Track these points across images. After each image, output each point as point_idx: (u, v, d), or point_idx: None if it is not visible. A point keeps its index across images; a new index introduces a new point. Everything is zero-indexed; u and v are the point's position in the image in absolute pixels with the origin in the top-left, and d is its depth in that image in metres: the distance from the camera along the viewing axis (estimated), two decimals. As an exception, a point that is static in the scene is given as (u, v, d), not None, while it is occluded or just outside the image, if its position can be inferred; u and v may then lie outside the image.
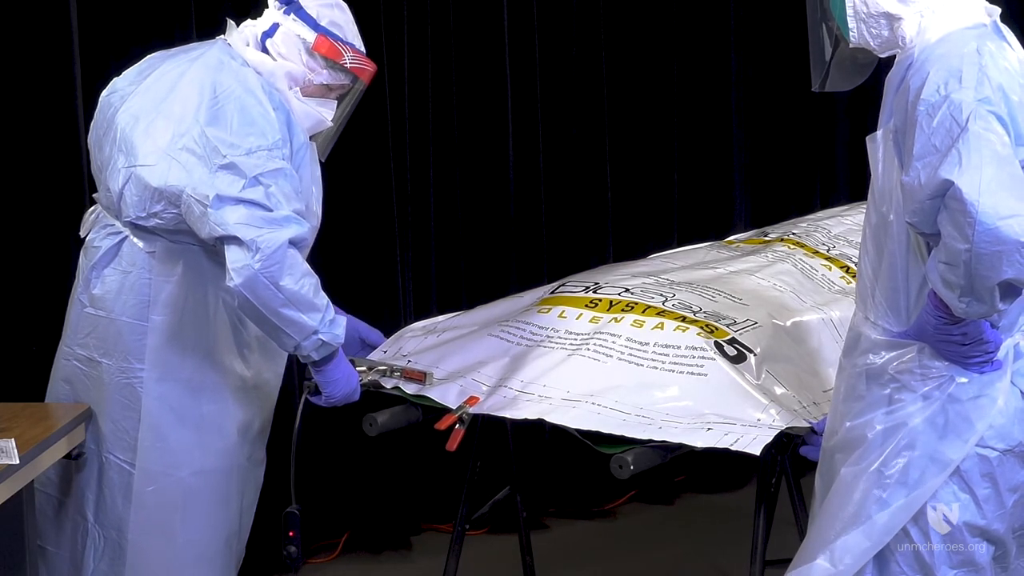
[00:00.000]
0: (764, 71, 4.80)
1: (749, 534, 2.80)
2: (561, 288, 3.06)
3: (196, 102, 2.57)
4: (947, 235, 2.05)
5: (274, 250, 2.48)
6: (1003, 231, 1.99)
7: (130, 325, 2.67)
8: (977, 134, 2.03)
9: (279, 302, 2.51)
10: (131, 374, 2.67)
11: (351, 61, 2.69)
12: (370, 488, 4.14)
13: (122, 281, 2.67)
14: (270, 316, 2.52)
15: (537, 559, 3.52)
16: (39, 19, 3.49)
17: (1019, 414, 2.16)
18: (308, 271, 2.56)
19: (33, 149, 3.53)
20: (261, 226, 2.49)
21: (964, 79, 2.08)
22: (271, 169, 2.53)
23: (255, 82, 2.61)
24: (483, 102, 4.25)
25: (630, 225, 4.57)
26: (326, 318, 2.58)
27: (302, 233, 2.54)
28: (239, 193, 2.49)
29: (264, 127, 2.56)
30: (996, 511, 2.17)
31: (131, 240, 2.67)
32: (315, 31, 2.66)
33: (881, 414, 2.19)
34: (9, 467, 2.38)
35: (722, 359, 2.66)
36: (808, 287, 3.10)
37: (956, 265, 2.04)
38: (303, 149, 2.66)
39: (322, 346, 2.60)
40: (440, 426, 2.68)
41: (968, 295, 2.05)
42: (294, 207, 2.55)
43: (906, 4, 2.21)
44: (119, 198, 2.63)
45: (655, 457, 2.48)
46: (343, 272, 3.86)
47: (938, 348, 2.19)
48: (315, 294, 2.56)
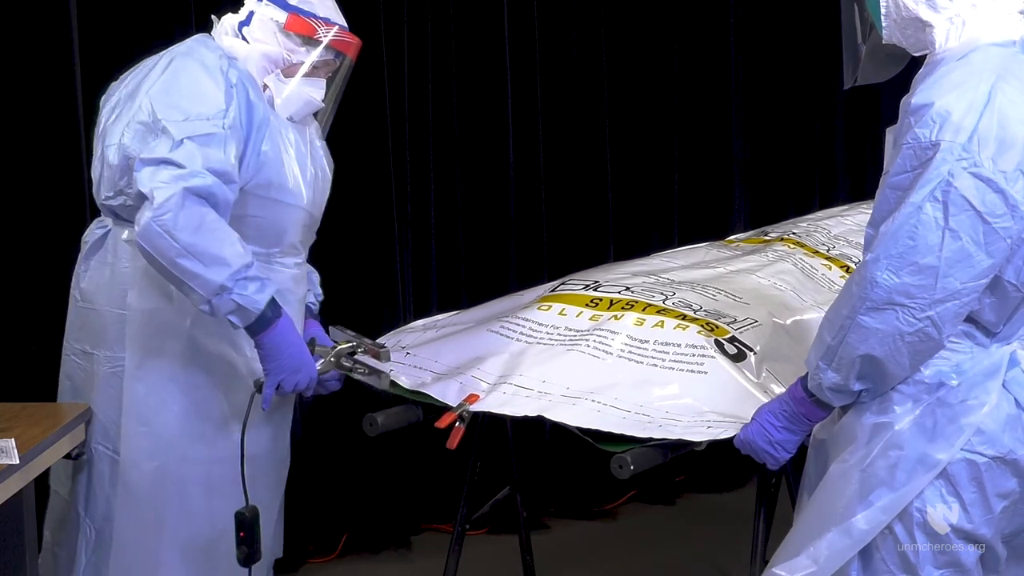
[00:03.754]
0: (764, 71, 4.81)
1: (749, 534, 2.80)
2: (562, 286, 3.06)
3: (154, 80, 2.61)
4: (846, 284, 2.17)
5: (167, 198, 2.42)
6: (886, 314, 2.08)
7: (113, 315, 2.67)
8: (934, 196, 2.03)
9: (175, 252, 2.43)
10: (116, 363, 2.67)
11: (325, 35, 2.69)
12: (370, 488, 4.14)
13: (105, 272, 2.69)
14: (169, 267, 2.45)
15: (537, 559, 3.52)
16: (39, 20, 3.49)
17: (1010, 421, 2.15)
18: (218, 227, 2.47)
19: (33, 150, 3.53)
20: (167, 180, 2.45)
21: (960, 124, 2.04)
22: (202, 133, 2.51)
23: (214, 61, 2.62)
24: (483, 102, 4.25)
25: (630, 225, 4.58)
26: (240, 276, 2.48)
27: (205, 185, 2.46)
28: (164, 155, 2.48)
29: (209, 97, 2.56)
30: (983, 516, 2.16)
31: (114, 230, 2.68)
32: (285, 11, 2.68)
33: (871, 412, 2.19)
34: (9, 467, 2.38)
35: (722, 357, 2.66)
36: (808, 286, 3.11)
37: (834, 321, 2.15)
38: (264, 125, 2.63)
39: (238, 309, 2.50)
40: (440, 424, 2.67)
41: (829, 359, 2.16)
42: (210, 165, 2.49)
43: (937, 11, 2.17)
44: (98, 184, 2.67)
45: (655, 457, 2.48)
46: (343, 272, 3.86)
47: (753, 429, 2.31)
48: (222, 248, 2.46)
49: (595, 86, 4.46)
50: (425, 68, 4.13)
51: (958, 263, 2.05)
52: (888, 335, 2.09)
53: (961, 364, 2.15)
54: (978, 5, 2.16)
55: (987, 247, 2.05)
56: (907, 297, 2.06)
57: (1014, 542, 2.24)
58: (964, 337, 2.15)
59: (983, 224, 2.04)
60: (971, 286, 2.06)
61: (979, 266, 2.05)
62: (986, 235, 2.04)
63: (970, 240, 2.04)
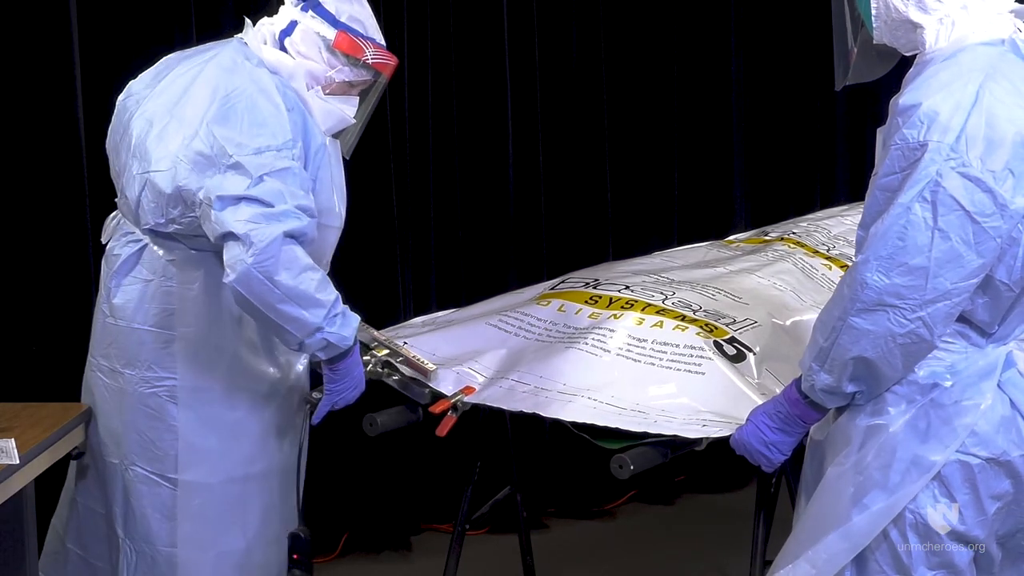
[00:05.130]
0: (764, 71, 4.81)
1: (749, 534, 2.80)
2: (562, 284, 3.06)
3: (207, 104, 2.52)
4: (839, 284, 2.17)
5: (267, 243, 2.41)
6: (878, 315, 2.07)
7: (153, 334, 2.63)
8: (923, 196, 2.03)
9: (276, 298, 2.44)
10: (156, 384, 2.63)
11: (373, 57, 2.64)
12: (370, 488, 4.15)
13: (143, 290, 2.63)
14: (267, 312, 2.46)
15: (537, 559, 3.52)
16: (39, 21, 3.49)
17: (1004, 423, 2.14)
18: (310, 266, 2.48)
19: (33, 151, 3.53)
20: (258, 221, 2.42)
21: (948, 124, 2.03)
22: (278, 168, 2.47)
23: (269, 82, 2.55)
24: (483, 102, 4.26)
25: (630, 225, 4.57)
26: (332, 314, 2.51)
27: (301, 227, 2.46)
28: (243, 192, 2.44)
29: (275, 127, 2.50)
30: (976, 517, 2.15)
31: (151, 248, 2.63)
32: (335, 28, 2.61)
33: (865, 414, 2.19)
34: (9, 467, 2.38)
35: (720, 359, 2.66)
36: (808, 286, 3.10)
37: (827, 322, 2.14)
38: (321, 151, 2.60)
39: (328, 346, 2.53)
40: (435, 409, 2.66)
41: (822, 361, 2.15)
42: (298, 203, 2.48)
43: (927, 12, 2.17)
44: (136, 205, 2.59)
45: (655, 457, 2.47)
46: (343, 272, 3.84)
47: (748, 430, 2.30)
48: (319, 290, 2.48)
49: (594, 86, 4.46)
50: (425, 68, 4.13)
51: (948, 263, 2.04)
52: (880, 336, 2.09)
53: (955, 365, 2.14)
54: (968, 6, 2.16)
55: (977, 247, 2.04)
56: (898, 298, 2.06)
57: (1009, 544, 2.23)
58: (958, 337, 2.15)
59: (972, 224, 2.03)
60: (962, 286, 2.06)
61: (969, 266, 2.05)
62: (976, 235, 2.04)
63: (960, 240, 2.04)
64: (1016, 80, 2.10)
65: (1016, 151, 2.04)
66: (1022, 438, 2.15)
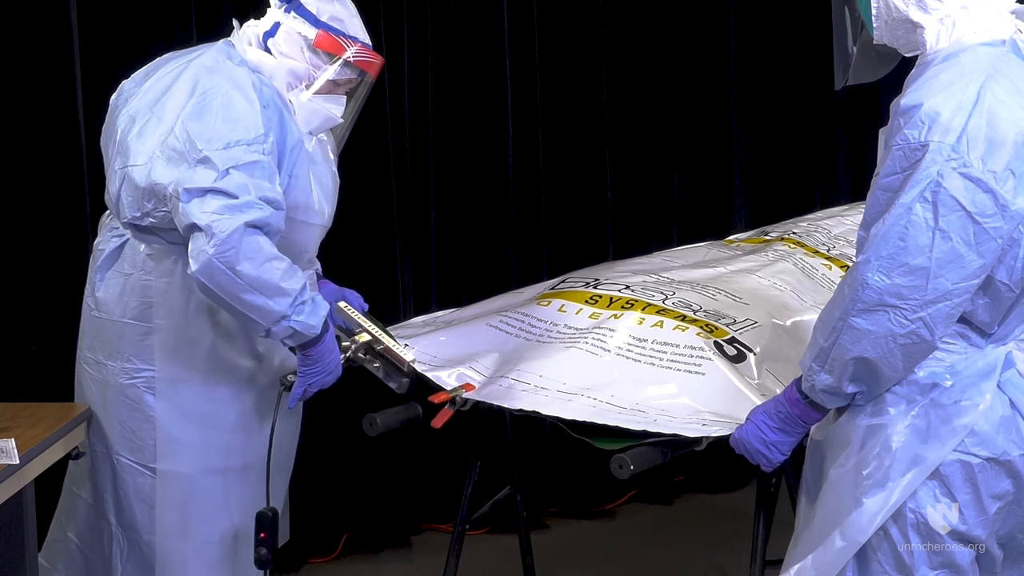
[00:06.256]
0: (764, 71, 4.80)
1: (749, 534, 2.80)
2: (562, 284, 3.06)
3: (184, 101, 2.56)
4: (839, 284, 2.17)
5: (228, 234, 2.42)
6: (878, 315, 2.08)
7: (132, 326, 2.67)
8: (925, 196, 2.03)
9: (239, 287, 2.45)
10: (135, 375, 2.67)
11: (355, 55, 2.67)
12: (370, 488, 4.15)
13: (123, 283, 2.68)
14: (232, 302, 2.48)
15: (537, 559, 3.52)
16: (39, 21, 3.49)
17: (1004, 423, 2.14)
18: (274, 255, 2.49)
19: (33, 150, 3.53)
20: (222, 213, 2.44)
21: (949, 125, 2.03)
22: (246, 162, 2.49)
23: (246, 79, 2.59)
24: (483, 102, 4.25)
25: (630, 225, 4.57)
26: (297, 303, 2.51)
27: (263, 217, 2.47)
28: (210, 184, 2.46)
29: (247, 122, 2.53)
30: (977, 517, 2.16)
31: (132, 242, 2.67)
32: (316, 27, 2.64)
33: (865, 414, 2.19)
34: (9, 467, 2.38)
35: (721, 360, 2.66)
36: (808, 286, 3.10)
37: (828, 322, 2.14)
38: (298, 148, 2.63)
39: (295, 334, 2.54)
40: (434, 399, 2.67)
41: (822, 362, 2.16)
42: (262, 194, 2.49)
43: (927, 12, 2.17)
44: (117, 200, 2.64)
45: (655, 457, 2.47)
46: (343, 271, 3.85)
47: (747, 429, 2.30)
48: (283, 279, 2.49)
49: (594, 86, 4.45)
50: (425, 68, 4.13)
51: (949, 264, 2.04)
52: (880, 337, 2.09)
53: (955, 365, 2.15)
54: (968, 6, 2.16)
55: (978, 247, 2.04)
56: (898, 298, 2.06)
57: (1010, 544, 2.23)
58: (958, 338, 2.15)
59: (973, 224, 2.04)
60: (962, 287, 2.06)
61: (970, 266, 2.05)
62: (976, 235, 2.04)
63: (960, 240, 2.04)
64: (1017, 80, 2.11)
65: (1017, 152, 2.05)
66: (1022, 438, 2.16)
